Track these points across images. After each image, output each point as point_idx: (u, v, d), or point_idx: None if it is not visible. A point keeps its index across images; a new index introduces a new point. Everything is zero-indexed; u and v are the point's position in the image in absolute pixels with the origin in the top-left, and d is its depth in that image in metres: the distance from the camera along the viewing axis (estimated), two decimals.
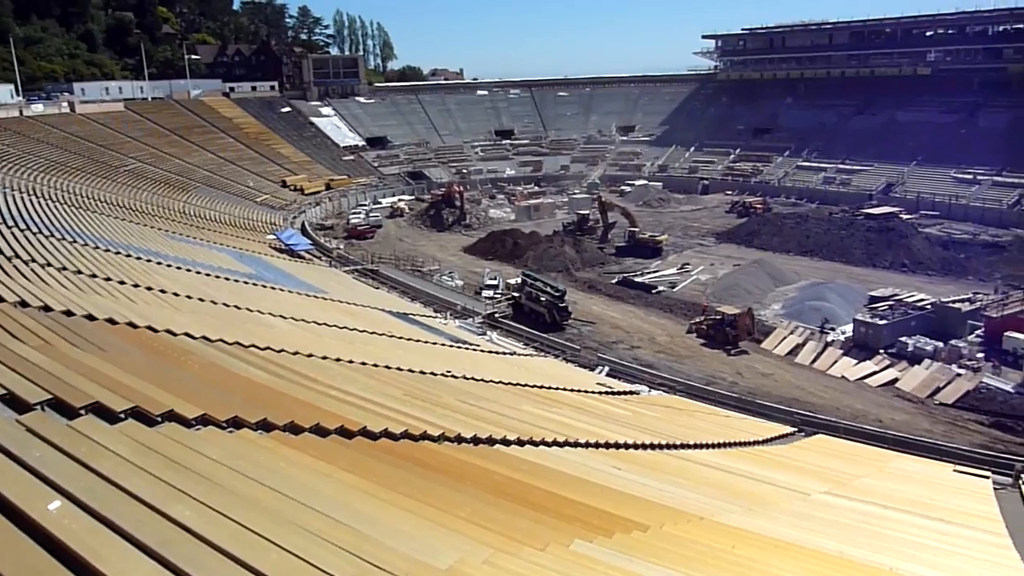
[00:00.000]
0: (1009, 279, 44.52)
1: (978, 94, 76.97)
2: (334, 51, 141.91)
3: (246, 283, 28.08)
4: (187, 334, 12.48)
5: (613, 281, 48.25)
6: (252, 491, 6.01)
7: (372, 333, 22.45)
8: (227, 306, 20.04)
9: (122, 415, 7.10)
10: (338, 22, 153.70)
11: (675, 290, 46.37)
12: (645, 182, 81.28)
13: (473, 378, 16.96)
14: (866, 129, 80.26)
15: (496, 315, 39.05)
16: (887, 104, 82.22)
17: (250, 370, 11.36)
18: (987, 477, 16.35)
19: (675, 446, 13.96)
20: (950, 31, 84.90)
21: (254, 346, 13.19)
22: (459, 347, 25.51)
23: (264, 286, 28.55)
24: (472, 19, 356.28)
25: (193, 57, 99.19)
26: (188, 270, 26.90)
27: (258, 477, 6.32)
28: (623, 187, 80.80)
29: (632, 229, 56.60)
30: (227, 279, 27.65)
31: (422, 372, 16.17)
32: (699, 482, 11.39)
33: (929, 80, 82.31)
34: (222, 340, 12.81)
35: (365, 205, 75.68)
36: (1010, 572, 8.94)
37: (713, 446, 15.09)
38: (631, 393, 23.12)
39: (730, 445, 15.75)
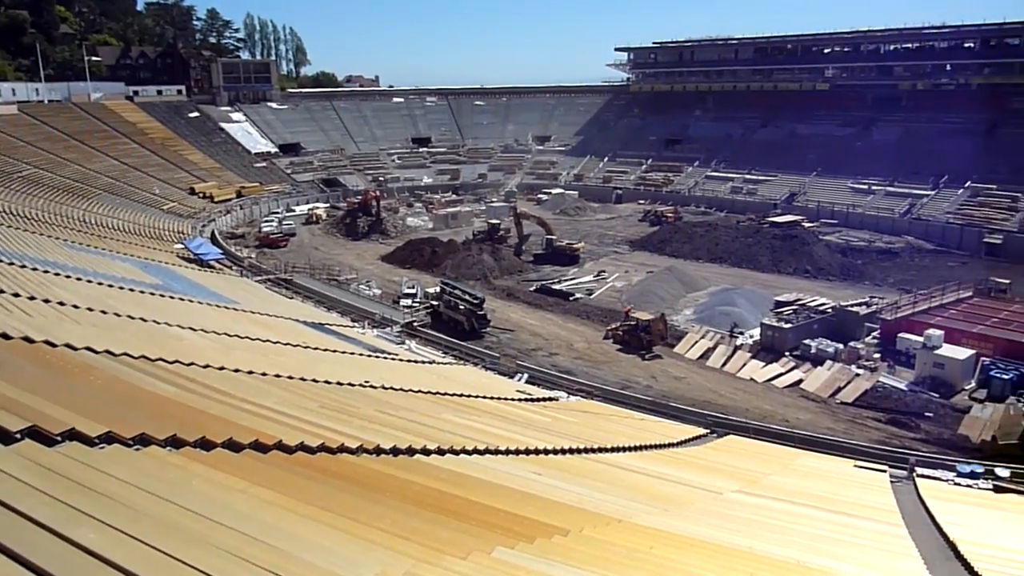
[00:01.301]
0: (901, 283, 47.12)
1: (872, 109, 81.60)
2: (245, 55, 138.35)
3: (152, 294, 26.94)
4: (88, 348, 11.86)
5: (531, 289, 48.70)
6: (162, 510, 5.77)
7: (286, 344, 21.90)
8: (132, 318, 19.17)
9: (18, 435, 6.70)
10: (249, 26, 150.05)
11: (592, 297, 47.17)
12: (561, 191, 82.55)
13: (392, 388, 16.75)
14: (770, 141, 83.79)
15: (415, 324, 38.75)
16: (789, 117, 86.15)
17: (158, 385, 10.90)
18: (884, 471, 17.22)
19: (593, 450, 14.16)
20: (846, 48, 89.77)
21: (162, 360, 12.66)
22: (377, 357, 25.17)
23: (171, 297, 27.47)
24: (387, 26, 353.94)
25: (94, 59, 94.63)
26: (89, 281, 25.61)
27: (168, 495, 6.07)
28: (540, 195, 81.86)
29: (549, 237, 57.27)
30: (132, 290, 26.46)
31: (339, 383, 15.86)
32: (617, 485, 11.59)
33: (827, 95, 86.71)
34: (127, 354, 12.24)
35: (278, 213, 73.97)
36: (906, 560, 9.46)
37: (630, 449, 15.37)
38: (550, 399, 23.32)
39: (646, 447, 16.08)
